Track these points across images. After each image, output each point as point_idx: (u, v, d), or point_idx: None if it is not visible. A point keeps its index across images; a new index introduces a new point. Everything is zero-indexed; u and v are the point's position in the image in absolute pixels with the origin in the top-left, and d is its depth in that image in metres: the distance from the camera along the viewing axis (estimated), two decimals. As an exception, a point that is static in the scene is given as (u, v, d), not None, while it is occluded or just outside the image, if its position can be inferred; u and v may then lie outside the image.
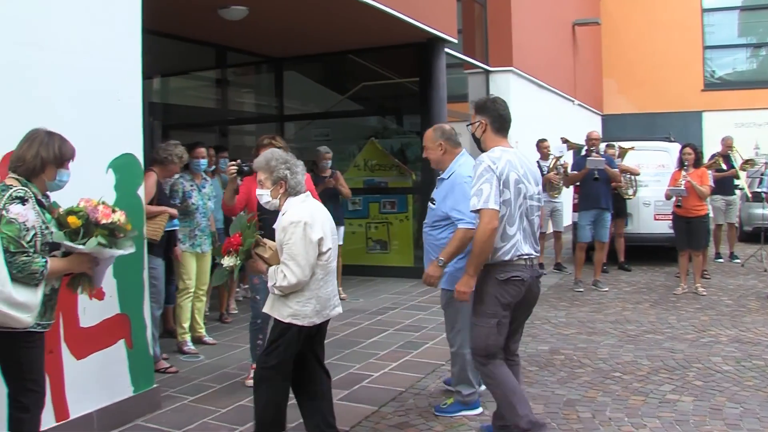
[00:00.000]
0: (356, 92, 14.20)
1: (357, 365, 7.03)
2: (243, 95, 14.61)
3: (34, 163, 4.09)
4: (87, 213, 4.09)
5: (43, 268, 3.94)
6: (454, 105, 13.48)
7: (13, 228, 3.89)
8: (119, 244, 4.25)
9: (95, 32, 5.39)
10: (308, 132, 14.17)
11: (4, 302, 3.85)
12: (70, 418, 5.16)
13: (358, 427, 5.46)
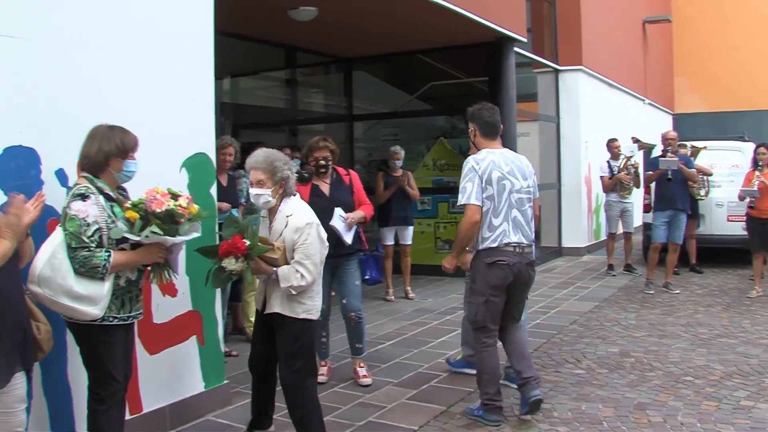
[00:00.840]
0: (425, 92, 14.21)
1: (425, 365, 7.04)
2: (312, 95, 14.71)
3: (98, 158, 4.19)
4: (145, 204, 4.15)
5: (105, 262, 4.04)
6: (523, 104, 13.40)
7: (74, 224, 4.01)
8: (180, 230, 4.27)
9: (170, 35, 5.49)
10: (377, 132, 14.21)
11: (65, 295, 3.98)
12: (143, 411, 5.27)
13: (426, 427, 5.47)
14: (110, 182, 4.28)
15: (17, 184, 4.38)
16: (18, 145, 4.43)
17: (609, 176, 12.27)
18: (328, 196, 6.37)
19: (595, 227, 15.95)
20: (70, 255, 4.01)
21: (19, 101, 4.44)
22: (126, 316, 4.28)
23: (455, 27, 10.70)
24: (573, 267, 13.62)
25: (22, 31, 4.46)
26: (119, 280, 4.22)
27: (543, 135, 15.31)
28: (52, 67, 4.63)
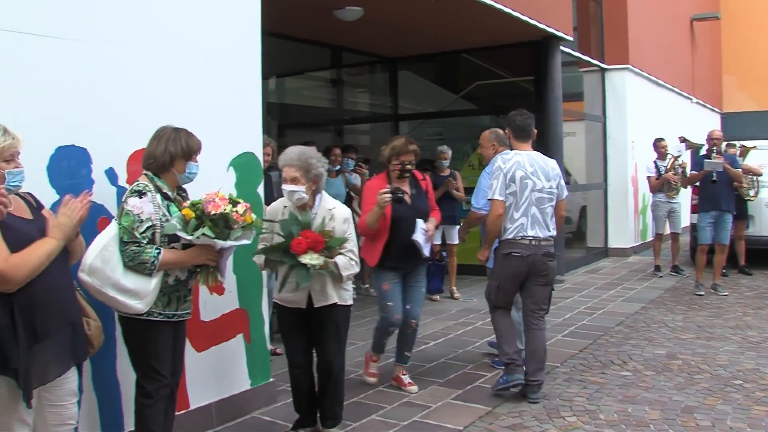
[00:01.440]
0: (470, 91, 14.17)
1: (471, 365, 7.04)
2: (357, 95, 14.75)
3: (164, 159, 4.28)
4: (203, 206, 4.21)
5: (154, 259, 4.12)
6: (569, 104, 13.30)
7: (128, 219, 4.12)
8: (231, 235, 4.31)
9: (218, 35, 5.56)
10: (422, 131, 14.19)
11: (111, 287, 4.07)
12: (190, 408, 5.33)
13: (471, 427, 5.47)
14: (171, 182, 4.38)
15: (68, 183, 4.47)
16: (69, 144, 4.52)
17: (656, 176, 12.16)
18: (410, 205, 6.15)
19: (642, 228, 15.81)
20: (121, 249, 4.11)
21: (71, 101, 4.53)
22: (171, 314, 4.35)
23: (501, 26, 10.68)
24: (619, 268, 13.51)
25: (73, 32, 4.54)
26: (168, 278, 4.30)
27: (589, 134, 15.20)
28: (102, 67, 4.71)
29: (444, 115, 14.12)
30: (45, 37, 4.38)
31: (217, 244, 4.28)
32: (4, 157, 3.38)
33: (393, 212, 5.98)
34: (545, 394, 6.09)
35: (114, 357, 4.79)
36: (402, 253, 6.09)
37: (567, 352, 7.36)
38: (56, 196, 4.39)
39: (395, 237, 6.05)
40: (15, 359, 3.29)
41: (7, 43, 4.17)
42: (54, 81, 4.43)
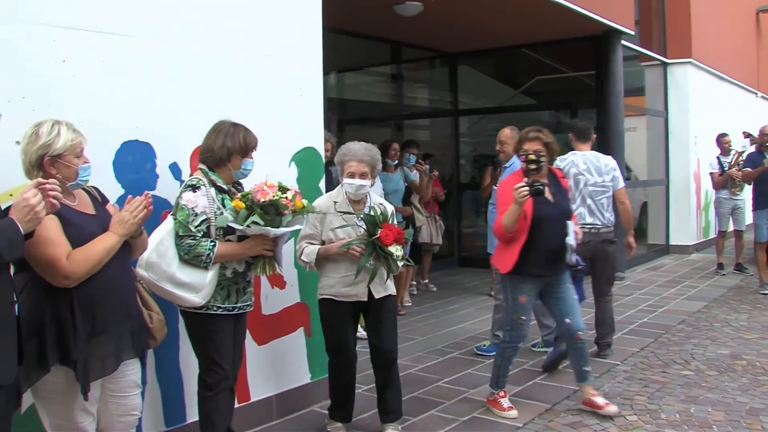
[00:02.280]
0: (530, 86, 14.10)
1: (530, 362, 7.00)
2: (417, 90, 14.73)
3: (221, 153, 4.33)
4: (252, 195, 4.25)
5: (209, 252, 4.17)
6: (630, 99, 13.14)
7: (183, 213, 4.18)
8: (283, 221, 4.35)
9: (280, 32, 5.61)
10: (481, 127, 14.16)
11: (168, 280, 4.14)
12: (251, 400, 5.40)
13: (531, 424, 5.45)
14: (226, 177, 4.42)
15: (133, 177, 4.56)
16: (135, 139, 4.60)
17: (719, 172, 11.96)
18: (554, 203, 5.46)
19: (705, 225, 15.56)
20: (177, 243, 4.18)
21: (136, 97, 4.61)
22: (231, 307, 4.41)
23: (561, 21, 10.61)
24: (681, 265, 13.31)
25: (138, 30, 4.62)
26: (225, 270, 4.35)
27: (651, 130, 15.01)
28: (167, 64, 4.79)
29: (504, 111, 14.03)
30: (111, 35, 4.46)
31: (269, 232, 4.31)
32: (75, 153, 3.45)
33: (535, 211, 5.31)
34: (606, 392, 6.05)
35: (177, 349, 4.87)
36: (545, 258, 5.41)
37: (628, 350, 7.29)
38: (122, 190, 4.48)
39: (536, 240, 5.33)
40: (75, 351, 3.35)
41: (73, 40, 4.26)
42: (119, 77, 4.52)
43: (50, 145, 3.36)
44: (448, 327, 8.53)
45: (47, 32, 4.13)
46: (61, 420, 3.47)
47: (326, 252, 5.00)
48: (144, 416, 4.44)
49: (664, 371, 6.60)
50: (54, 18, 4.17)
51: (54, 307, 3.35)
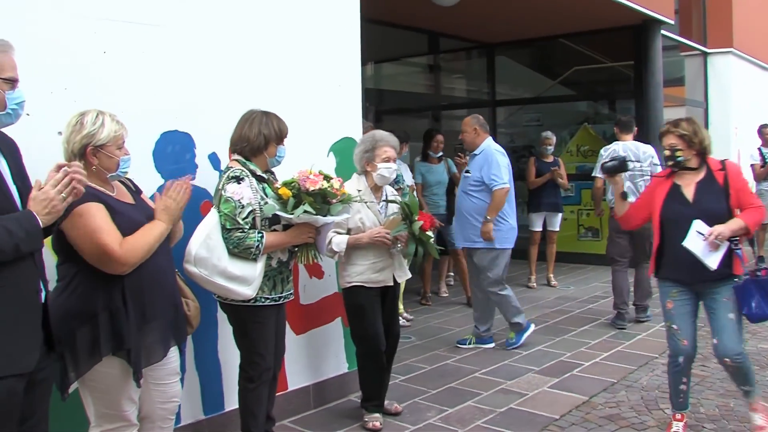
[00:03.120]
0: (568, 77, 13.99)
1: (567, 353, 6.98)
2: (454, 81, 14.69)
3: (258, 142, 4.36)
4: (298, 183, 4.28)
5: (258, 243, 4.19)
6: (669, 89, 13.00)
7: (229, 206, 4.18)
8: (332, 209, 4.40)
9: (318, 22, 5.62)
10: (519, 117, 14.09)
11: (220, 275, 4.16)
12: (288, 389, 5.43)
13: (567, 416, 5.42)
14: (261, 165, 4.44)
15: (173, 167, 4.59)
16: (174, 130, 4.64)
17: (761, 164, 11.80)
18: (692, 203, 4.81)
19: (745, 217, 15.31)
20: (225, 236, 4.19)
21: (176, 88, 4.65)
22: (277, 297, 4.44)
23: (600, 10, 10.53)
24: (719, 258, 13.10)
25: (179, 21, 4.66)
26: (271, 261, 4.38)
27: (690, 121, 14.80)
28: (206, 55, 4.82)
29: (541, 101, 13.97)
30: (150, 26, 4.50)
31: (319, 221, 4.35)
32: (117, 144, 3.48)
33: (662, 209, 4.88)
34: (644, 385, 6.03)
35: (216, 338, 4.91)
36: (679, 262, 4.81)
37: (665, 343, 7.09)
38: (161, 180, 4.51)
39: (666, 242, 4.88)
40: (128, 340, 3.40)
41: (113, 32, 4.30)
42: (159, 68, 4.55)
43: (94, 135, 3.40)
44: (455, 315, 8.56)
45: (88, 24, 4.18)
46: (107, 409, 3.51)
47: (357, 241, 5.08)
48: (183, 405, 4.48)
49: (704, 365, 6.53)
50: (95, 10, 4.21)
51: (106, 296, 3.39)
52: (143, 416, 3.75)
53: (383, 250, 5.17)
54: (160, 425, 3.82)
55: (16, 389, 2.86)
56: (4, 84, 2.87)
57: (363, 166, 5.24)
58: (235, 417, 4.67)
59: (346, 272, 5.20)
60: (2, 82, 2.86)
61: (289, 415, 5.40)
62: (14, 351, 2.84)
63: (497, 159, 7.02)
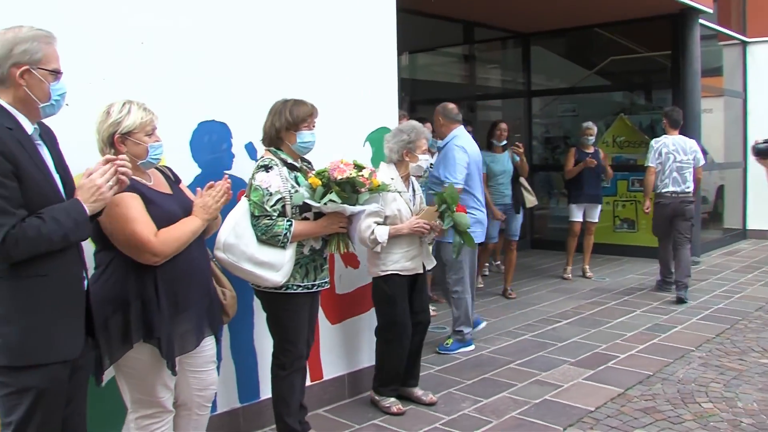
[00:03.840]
0: (604, 67, 13.88)
1: (603, 345, 6.94)
2: (489, 71, 14.62)
3: (271, 133, 4.43)
4: (328, 172, 4.31)
5: (286, 231, 4.23)
6: (707, 79, 12.82)
7: (258, 194, 4.23)
8: (360, 199, 4.42)
9: (354, 11, 5.61)
10: (554, 108, 14.01)
11: (248, 261, 4.20)
12: (323, 379, 5.45)
13: (603, 408, 5.39)
14: (290, 153, 4.46)
15: (210, 157, 4.63)
16: (211, 120, 4.66)
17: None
18: None
19: (785, 209, 15.16)
20: (253, 223, 4.24)
21: (214, 78, 4.67)
22: (310, 285, 4.46)
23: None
24: (758, 251, 12.98)
25: (216, 11, 4.68)
26: (303, 248, 4.40)
27: (728, 111, 14.63)
28: (242, 44, 4.84)
29: (577, 91, 13.88)
30: (188, 16, 4.52)
31: (346, 210, 4.37)
32: (146, 131, 3.50)
33: None
34: (680, 378, 5.97)
35: (251, 327, 4.95)
36: None
37: (703, 336, 7.17)
38: (198, 170, 4.55)
39: None
40: (158, 329, 3.43)
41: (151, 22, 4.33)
42: (196, 58, 4.57)
43: (120, 123, 3.43)
44: (520, 309, 8.50)
45: (127, 15, 4.20)
46: (142, 395, 3.55)
47: (397, 232, 5.12)
48: (218, 393, 4.52)
49: (741, 359, 6.48)
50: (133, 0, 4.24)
51: (139, 285, 3.42)
52: (180, 403, 3.80)
53: (415, 238, 5.27)
54: (196, 412, 3.86)
55: (61, 376, 2.91)
56: (50, 75, 2.91)
57: (402, 155, 5.28)
58: (270, 406, 4.70)
59: (381, 261, 5.22)
60: (47, 74, 2.90)
61: (324, 404, 5.43)
62: (59, 338, 2.89)
63: (454, 155, 6.69)
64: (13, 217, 2.68)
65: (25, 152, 2.79)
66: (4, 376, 2.83)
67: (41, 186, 2.83)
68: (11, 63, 2.83)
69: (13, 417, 2.83)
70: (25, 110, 2.90)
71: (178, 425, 3.82)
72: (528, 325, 7.74)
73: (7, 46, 2.82)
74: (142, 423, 3.59)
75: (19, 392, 2.82)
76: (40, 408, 2.85)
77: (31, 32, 2.88)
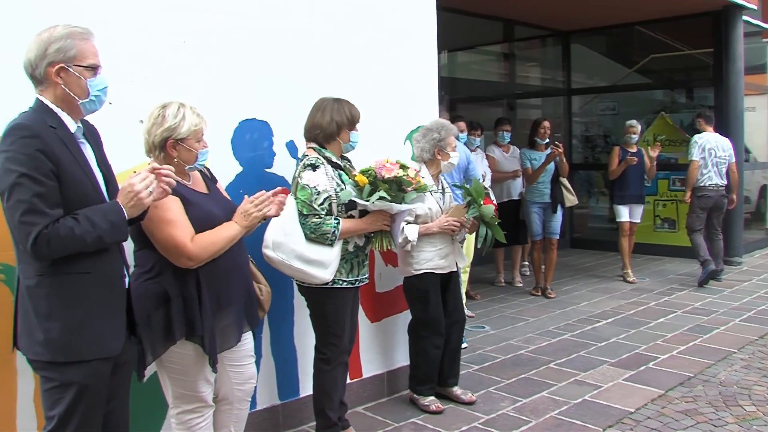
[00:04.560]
0: (644, 65, 13.75)
1: (643, 346, 6.87)
2: (529, 69, 14.54)
3: (331, 128, 4.42)
4: (375, 171, 4.33)
5: (335, 229, 4.27)
6: (750, 77, 12.65)
7: (306, 193, 4.26)
8: (406, 197, 4.44)
9: (396, 12, 5.62)
10: (594, 106, 13.91)
11: (298, 259, 4.24)
12: (362, 377, 5.46)
13: (643, 410, 5.34)
14: (336, 152, 4.51)
15: (251, 155, 4.66)
16: (252, 118, 4.69)
17: None
18: None
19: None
20: (302, 221, 4.28)
21: (255, 76, 4.70)
22: (354, 280, 4.51)
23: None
24: (800, 252, 12.82)
25: (257, 10, 4.71)
26: (348, 245, 4.45)
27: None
28: (282, 42, 4.86)
29: (617, 90, 13.75)
30: (229, 14, 4.55)
31: (393, 208, 4.40)
32: (197, 138, 3.54)
33: None
34: (722, 380, 5.90)
35: (291, 324, 4.97)
36: None
37: (745, 338, 7.08)
38: (239, 168, 4.59)
39: None
40: (200, 326, 3.47)
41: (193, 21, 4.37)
42: (238, 57, 4.61)
43: (175, 129, 3.46)
44: (559, 308, 8.46)
45: (169, 14, 4.24)
46: (184, 390, 3.59)
47: (427, 230, 5.16)
48: (258, 389, 4.56)
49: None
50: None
51: (181, 283, 3.46)
52: (220, 398, 3.84)
53: (447, 236, 5.30)
54: (237, 407, 3.90)
55: (103, 372, 2.96)
56: (86, 71, 2.95)
57: (434, 153, 5.29)
58: (309, 403, 4.73)
59: (414, 259, 5.24)
60: (84, 70, 2.94)
61: (363, 402, 5.45)
62: (101, 335, 2.94)
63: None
64: (47, 217, 2.73)
65: (67, 151, 2.84)
66: (47, 371, 2.89)
67: (82, 184, 2.88)
68: (47, 62, 2.88)
69: (55, 411, 2.89)
70: (67, 108, 2.95)
71: (218, 420, 3.87)
72: (567, 324, 7.70)
73: (42, 46, 2.88)
74: (184, 418, 3.64)
75: (62, 387, 2.87)
76: (82, 403, 2.90)
77: (65, 30, 2.93)
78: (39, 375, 2.96)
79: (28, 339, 2.89)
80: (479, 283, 9.91)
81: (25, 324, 2.89)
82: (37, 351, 2.87)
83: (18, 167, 2.71)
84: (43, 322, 2.83)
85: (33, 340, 2.86)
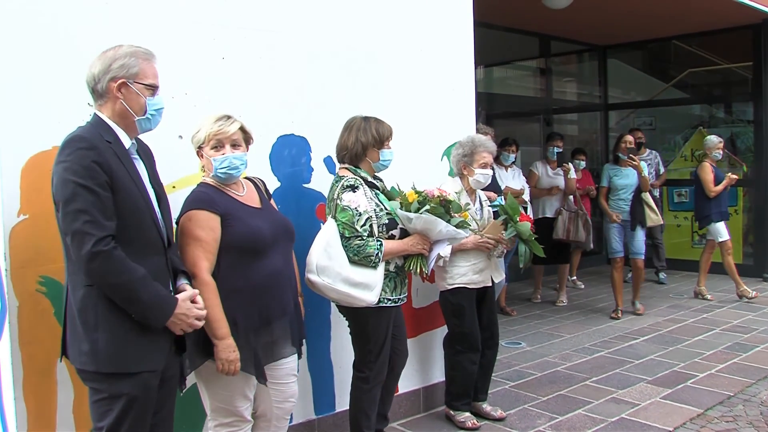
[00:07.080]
0: (682, 79, 13.65)
1: (681, 364, 6.80)
2: (565, 84, 14.50)
3: (356, 149, 4.42)
4: (426, 192, 4.39)
5: (378, 251, 4.26)
6: (790, 92, 12.55)
7: (347, 214, 4.25)
8: (452, 221, 4.48)
9: (432, 26, 5.63)
10: (631, 121, 13.82)
11: (344, 282, 4.21)
12: (399, 392, 5.40)
13: (681, 429, 5.29)
14: (369, 171, 4.51)
15: (289, 170, 4.70)
16: (290, 134, 4.73)
17: None
18: None
19: None
20: (344, 244, 4.26)
21: (292, 92, 4.74)
22: (397, 299, 4.52)
23: (717, 10, 10.25)
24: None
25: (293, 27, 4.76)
26: (389, 265, 4.44)
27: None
28: (319, 59, 4.90)
29: (654, 105, 13.67)
30: (267, 32, 4.60)
31: (437, 224, 4.39)
32: (232, 141, 3.57)
33: None
34: (763, 399, 5.82)
35: (328, 340, 4.98)
36: None
37: (787, 356, 7.01)
38: (278, 183, 4.62)
39: None
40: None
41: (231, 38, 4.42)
42: (276, 73, 4.65)
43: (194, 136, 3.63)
44: (596, 325, 8.40)
45: (207, 31, 4.30)
46: (221, 403, 3.61)
47: (461, 247, 5.12)
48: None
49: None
50: (213, 17, 4.34)
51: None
52: (259, 414, 3.85)
53: (482, 251, 5.27)
54: (276, 424, 3.91)
55: (151, 383, 3.01)
56: (146, 89, 3.04)
57: (460, 169, 5.30)
58: (345, 417, 4.73)
59: (448, 274, 5.23)
60: (144, 88, 3.03)
61: (399, 417, 5.45)
62: (146, 348, 2.99)
63: None
64: (102, 228, 2.79)
65: (121, 165, 2.92)
66: (96, 382, 2.94)
67: (135, 199, 2.95)
68: (109, 77, 2.97)
69: (104, 423, 2.94)
70: (123, 124, 3.04)
71: (256, 436, 3.87)
72: (604, 341, 7.64)
73: (107, 63, 2.98)
74: (221, 431, 3.65)
75: (111, 398, 2.92)
76: (131, 415, 2.94)
77: (130, 49, 3.03)
78: (88, 386, 3.01)
79: (75, 349, 2.95)
80: (516, 299, 9.87)
81: (73, 334, 2.95)
82: (83, 361, 2.92)
83: (75, 177, 2.78)
84: (90, 333, 2.89)
85: (80, 350, 2.92)
